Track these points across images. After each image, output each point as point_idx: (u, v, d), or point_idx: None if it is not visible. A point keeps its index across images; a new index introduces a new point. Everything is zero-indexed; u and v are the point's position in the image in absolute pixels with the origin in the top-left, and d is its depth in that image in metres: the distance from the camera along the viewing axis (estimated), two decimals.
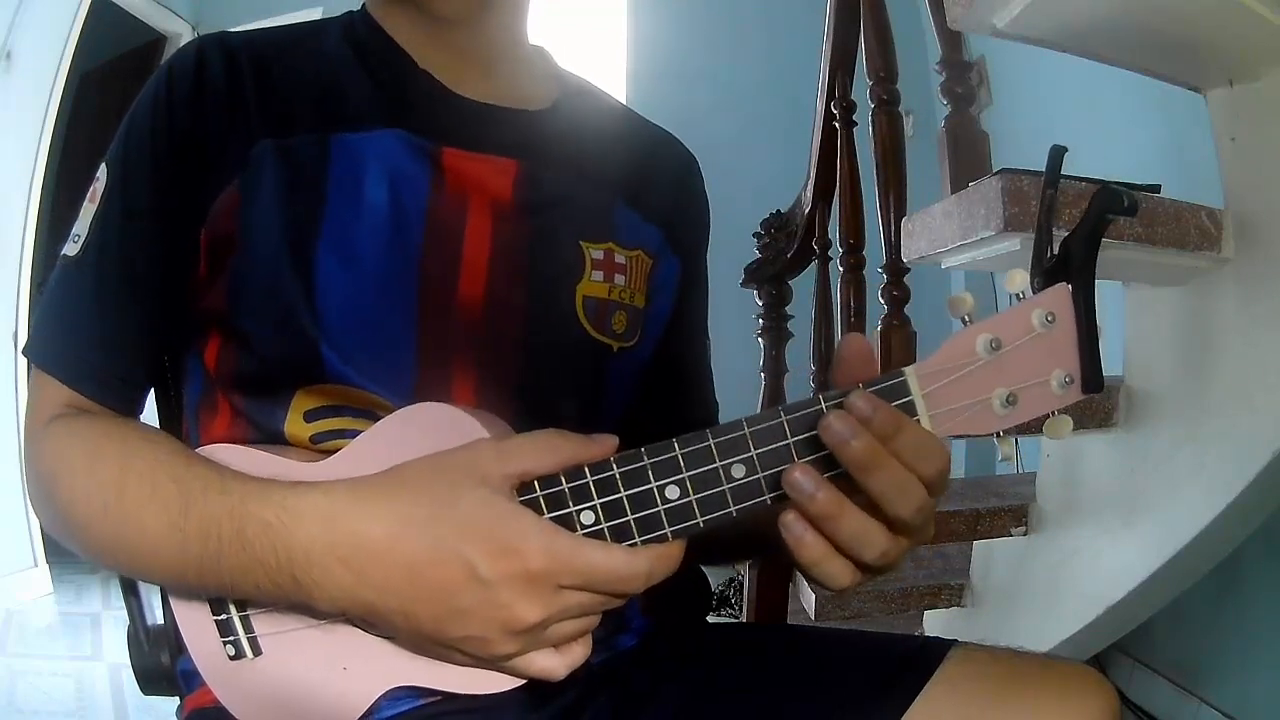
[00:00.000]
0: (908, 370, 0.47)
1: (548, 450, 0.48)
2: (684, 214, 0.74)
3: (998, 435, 0.48)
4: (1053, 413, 0.48)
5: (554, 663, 0.49)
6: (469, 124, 0.63)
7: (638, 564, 0.47)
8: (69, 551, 0.56)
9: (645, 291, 0.68)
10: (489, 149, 0.62)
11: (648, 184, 0.71)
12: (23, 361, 3.29)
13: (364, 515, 0.47)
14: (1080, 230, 0.46)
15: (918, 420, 0.46)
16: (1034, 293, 0.47)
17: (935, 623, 1.65)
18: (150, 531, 0.50)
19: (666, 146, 0.77)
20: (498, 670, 0.50)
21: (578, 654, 0.50)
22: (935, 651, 0.59)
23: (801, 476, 0.45)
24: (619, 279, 0.66)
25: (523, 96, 0.67)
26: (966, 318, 0.47)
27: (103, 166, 0.60)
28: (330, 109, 0.60)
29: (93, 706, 2.07)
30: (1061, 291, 0.46)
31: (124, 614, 0.73)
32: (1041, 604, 1.39)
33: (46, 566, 2.90)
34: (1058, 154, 0.49)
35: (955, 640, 0.60)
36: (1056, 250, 0.48)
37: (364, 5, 0.67)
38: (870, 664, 0.60)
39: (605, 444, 0.49)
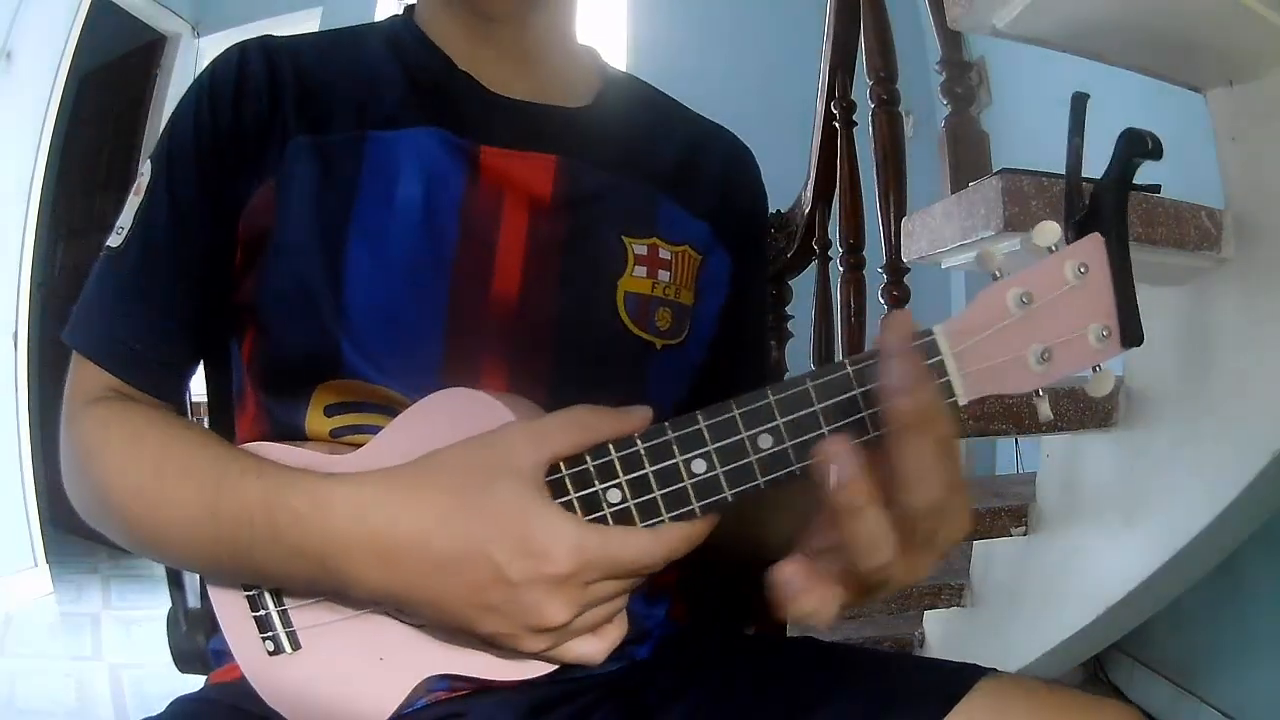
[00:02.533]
0: (937, 329, 0.44)
1: (580, 428, 0.47)
2: (732, 207, 0.72)
3: (1036, 394, 0.46)
4: (1095, 368, 0.45)
5: (592, 648, 0.48)
6: (507, 122, 0.63)
7: (660, 548, 0.46)
8: (69, 551, 0.57)
9: (693, 289, 0.67)
10: (527, 146, 0.62)
11: (693, 178, 0.69)
12: (23, 362, 3.28)
13: (395, 509, 0.47)
14: (1108, 177, 0.44)
15: (948, 381, 0.44)
16: (1066, 244, 0.45)
17: (935, 623, 1.65)
18: (185, 513, 0.50)
19: (714, 139, 0.75)
20: (537, 660, 0.49)
21: (614, 635, 0.49)
22: (965, 679, 0.54)
23: (836, 447, 0.40)
24: (663, 275, 0.64)
25: (563, 94, 0.66)
26: (997, 272, 0.45)
27: (147, 162, 0.62)
28: (367, 109, 0.61)
29: (93, 706, 2.07)
30: (1094, 241, 0.44)
31: (124, 614, 0.74)
32: (1041, 604, 1.39)
33: (46, 566, 2.89)
34: (1081, 100, 0.46)
35: (990, 669, 0.56)
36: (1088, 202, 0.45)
37: (406, 8, 0.68)
38: (896, 684, 0.56)
39: (639, 417, 0.48)
